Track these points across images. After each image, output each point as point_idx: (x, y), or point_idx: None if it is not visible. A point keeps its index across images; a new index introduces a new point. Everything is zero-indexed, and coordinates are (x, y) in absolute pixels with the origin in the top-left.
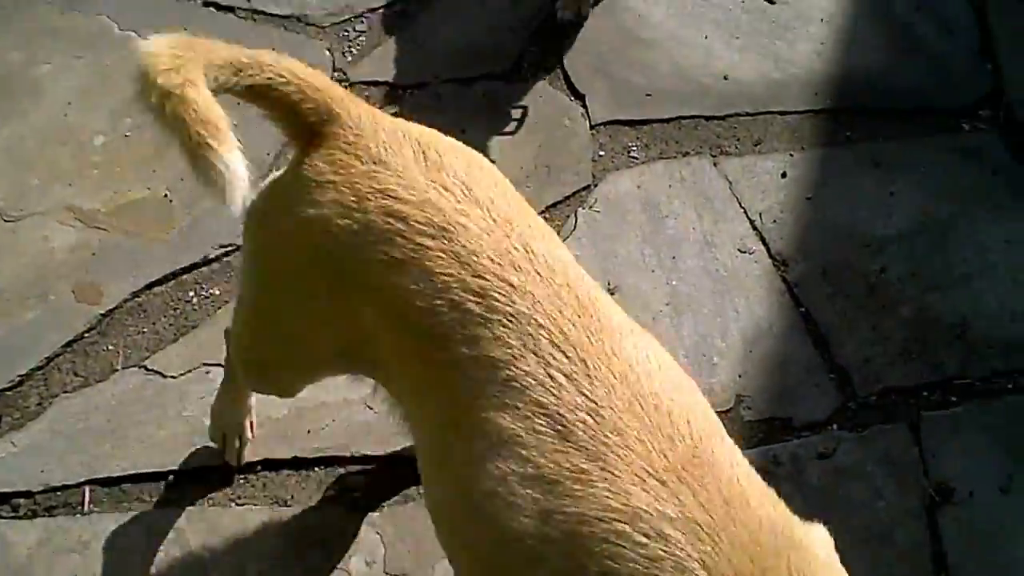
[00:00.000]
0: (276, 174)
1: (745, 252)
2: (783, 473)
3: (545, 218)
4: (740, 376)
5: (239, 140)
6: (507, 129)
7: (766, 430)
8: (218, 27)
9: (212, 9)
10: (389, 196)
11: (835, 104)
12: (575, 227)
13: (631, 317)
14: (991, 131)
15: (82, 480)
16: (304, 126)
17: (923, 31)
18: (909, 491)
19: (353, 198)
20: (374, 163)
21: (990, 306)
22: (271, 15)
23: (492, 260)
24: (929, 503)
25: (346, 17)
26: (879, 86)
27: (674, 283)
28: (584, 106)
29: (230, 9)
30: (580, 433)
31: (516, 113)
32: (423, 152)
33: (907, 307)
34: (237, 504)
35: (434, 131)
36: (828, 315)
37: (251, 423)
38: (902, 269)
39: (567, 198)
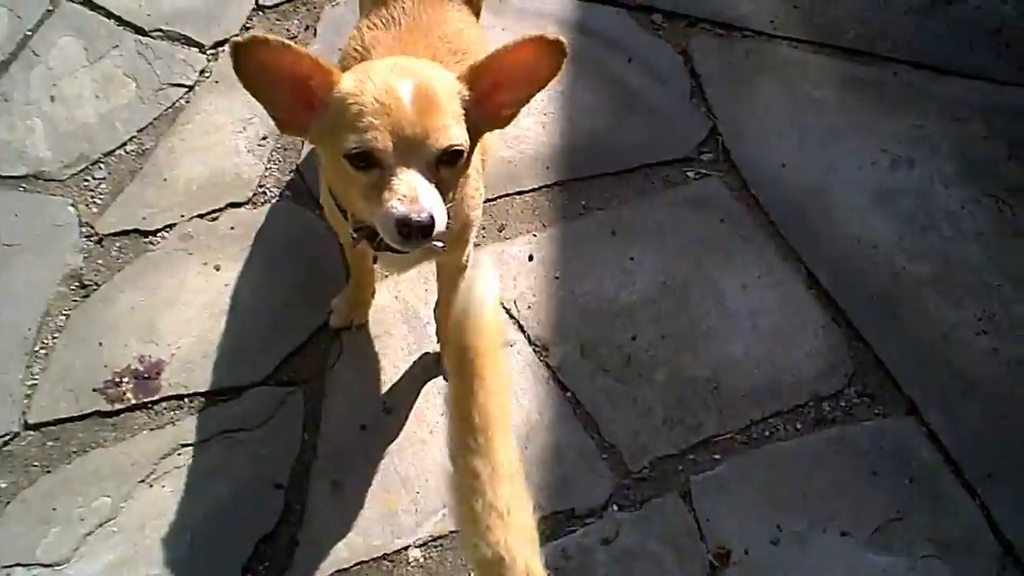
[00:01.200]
0: None
1: (507, 345)
2: (573, 567)
3: (311, 345)
4: None
5: None
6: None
7: (553, 525)
8: None
9: None
10: None
11: (567, 175)
12: (341, 351)
13: (409, 436)
14: (714, 175)
15: None
16: None
17: (637, 84)
18: (690, 561)
19: None
20: None
21: (736, 356)
22: (7, 177)
23: None
24: (710, 570)
25: (84, 166)
26: (605, 149)
27: (446, 392)
28: None
29: None
30: None
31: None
32: None
33: (662, 372)
34: None
35: None
36: (592, 395)
37: None
38: (652, 334)
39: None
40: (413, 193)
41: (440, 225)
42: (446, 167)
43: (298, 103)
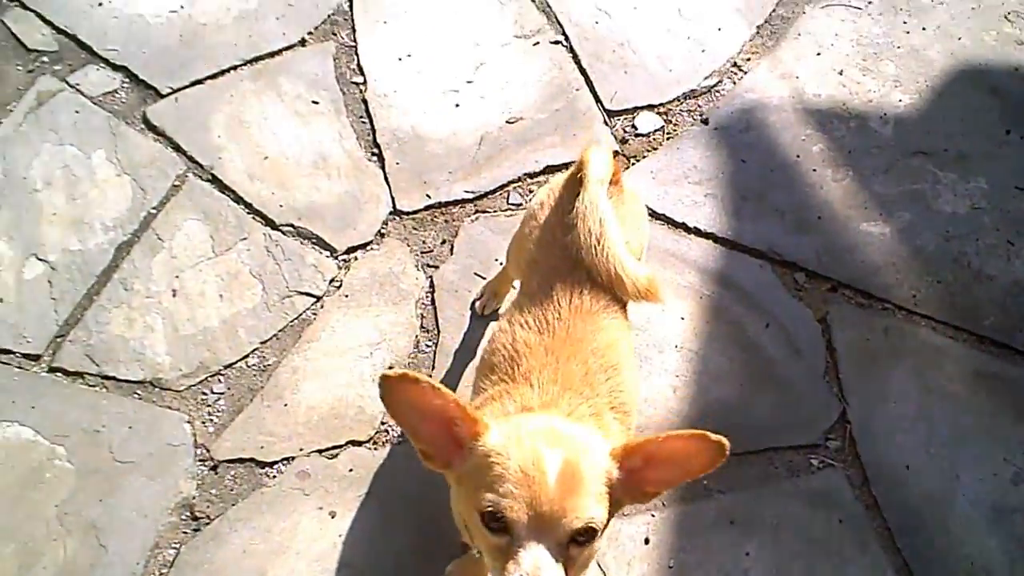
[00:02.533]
0: None
1: None
2: None
3: None
4: None
5: None
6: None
7: None
8: (68, 398)
9: (58, 375)
10: None
11: None
12: None
13: None
14: (838, 467)
15: None
16: None
17: (772, 353)
18: None
19: None
20: None
21: None
22: (123, 381)
23: None
24: None
25: (202, 377)
26: (733, 423)
27: None
28: None
29: (78, 375)
30: None
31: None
32: None
33: None
34: None
35: None
36: None
37: None
38: None
39: None
40: (536, 573)
41: None
42: (577, 546)
43: (443, 441)
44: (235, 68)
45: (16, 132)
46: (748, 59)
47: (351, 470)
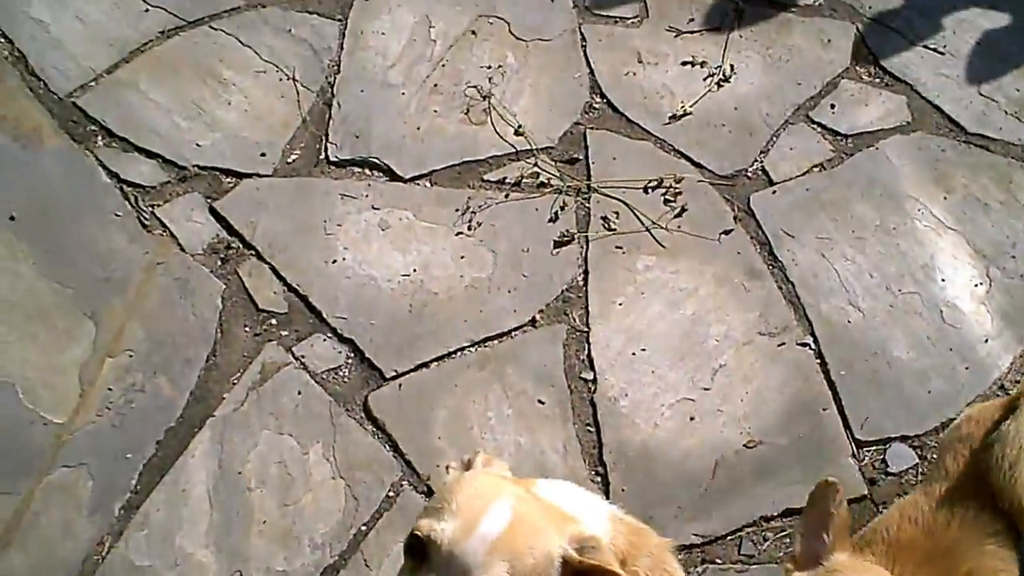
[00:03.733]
0: None
1: None
2: None
3: None
4: None
5: None
6: None
7: None
8: None
9: None
10: None
11: None
12: None
13: None
14: None
15: None
16: None
17: None
18: None
19: None
20: None
21: None
22: None
23: None
24: None
25: None
26: None
27: None
28: None
29: None
30: None
31: None
32: None
33: None
34: None
35: None
36: None
37: None
38: None
39: None
40: None
41: None
42: None
43: (812, 548)
44: (462, 350)
45: (237, 413)
46: (1018, 381)
47: None
